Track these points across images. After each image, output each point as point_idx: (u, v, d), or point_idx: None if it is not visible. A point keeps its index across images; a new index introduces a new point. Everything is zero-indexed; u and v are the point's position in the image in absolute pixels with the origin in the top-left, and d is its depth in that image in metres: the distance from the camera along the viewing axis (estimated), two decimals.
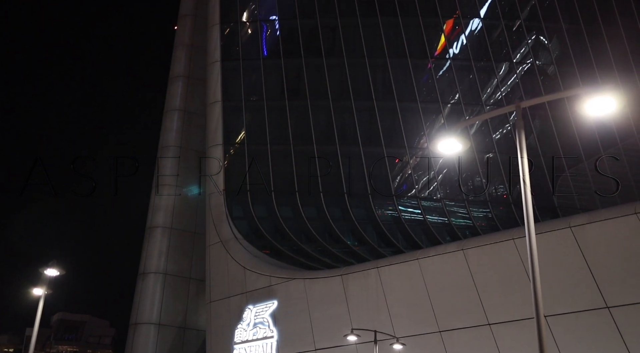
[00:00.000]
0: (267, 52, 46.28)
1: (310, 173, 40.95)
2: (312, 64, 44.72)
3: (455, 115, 43.21)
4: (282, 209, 40.06)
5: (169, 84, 47.74)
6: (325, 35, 45.78)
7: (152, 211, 43.79)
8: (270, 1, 48.55)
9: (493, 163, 42.16)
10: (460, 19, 46.23)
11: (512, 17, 46.54)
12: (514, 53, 45.50)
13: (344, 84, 44.15)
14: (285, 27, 47.18)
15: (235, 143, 43.01)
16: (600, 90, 14.23)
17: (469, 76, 44.81)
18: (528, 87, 44.20)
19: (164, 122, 46.49)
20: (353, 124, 42.70)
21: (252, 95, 44.41)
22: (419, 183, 42.15)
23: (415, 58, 44.75)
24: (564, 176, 41.71)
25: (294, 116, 43.23)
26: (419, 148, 42.73)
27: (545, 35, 46.22)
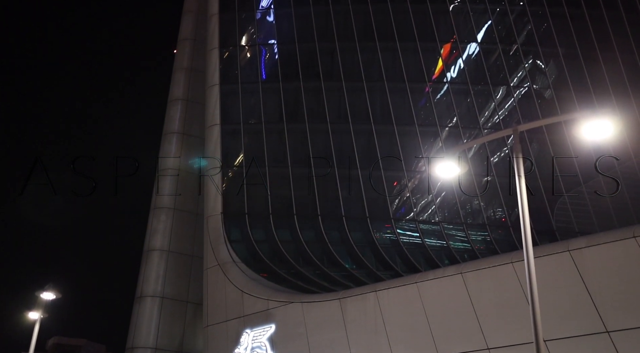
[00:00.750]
0: (265, 75, 46.59)
1: (308, 196, 40.97)
2: (310, 87, 45.01)
3: (453, 138, 43.37)
4: (280, 232, 39.96)
5: (168, 107, 47.93)
6: (324, 59, 46.13)
7: (149, 234, 43.65)
8: (269, 26, 49.01)
9: (491, 186, 42.21)
10: (458, 43, 46.64)
11: (509, 42, 46.97)
12: (511, 77, 45.83)
13: (342, 108, 44.37)
14: (284, 51, 47.56)
15: (234, 165, 43.06)
16: (597, 114, 14.33)
17: (466, 100, 45.07)
18: (525, 111, 44.44)
19: (163, 145, 46.58)
20: (351, 147, 42.81)
21: (251, 118, 44.59)
22: (417, 206, 42.14)
23: (413, 82, 45.06)
24: (562, 199, 41.74)
25: (292, 139, 43.37)
26: (417, 171, 42.80)
27: (542, 60, 46.60)
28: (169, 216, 43.69)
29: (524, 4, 47.79)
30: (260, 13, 49.24)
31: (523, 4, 47.82)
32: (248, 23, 48.88)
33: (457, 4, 47.82)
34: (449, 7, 47.50)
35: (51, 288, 21.83)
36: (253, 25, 48.86)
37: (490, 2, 47.74)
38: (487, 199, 42.32)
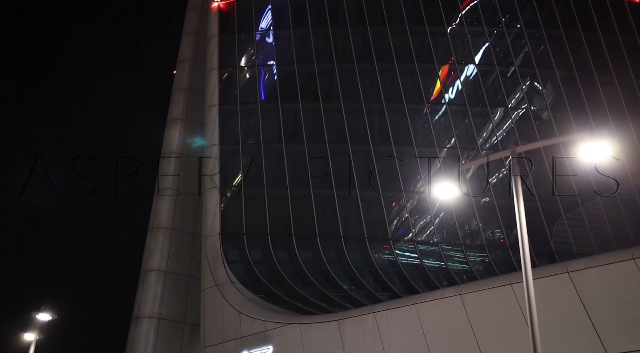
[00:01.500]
0: (264, 96, 46.82)
1: (307, 217, 40.95)
2: (309, 108, 45.19)
3: (451, 159, 43.45)
4: (279, 252, 39.86)
5: (167, 128, 48.06)
6: (323, 80, 46.38)
7: (147, 254, 43.51)
8: (268, 47, 49.36)
9: (490, 207, 42.22)
10: (456, 64, 46.95)
11: (507, 64, 47.28)
12: (509, 98, 46.06)
13: (340, 129, 44.51)
14: (283, 72, 47.84)
15: (232, 186, 43.07)
16: (595, 136, 14.40)
17: (464, 121, 45.24)
18: (523, 132, 44.59)
19: (162, 165, 46.61)
20: (350, 168, 42.86)
21: (250, 138, 44.71)
22: (416, 226, 42.10)
23: (412, 103, 45.27)
24: (561, 221, 41.73)
25: (291, 159, 43.45)
26: (416, 191, 42.82)
27: (540, 82, 46.87)
28: (166, 237, 43.59)
29: (521, 26, 48.20)
30: (259, 34, 49.63)
31: (520, 26, 48.22)
32: (247, 44, 49.24)
33: (455, 26, 48.22)
34: (446, 29, 47.91)
35: (47, 309, 21.68)
36: (252, 46, 49.20)
37: (488, 24, 48.15)
38: (485, 220, 42.30)
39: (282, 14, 49.70)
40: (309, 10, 49.05)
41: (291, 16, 49.09)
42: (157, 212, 44.55)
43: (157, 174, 46.26)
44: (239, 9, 50.01)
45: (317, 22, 48.85)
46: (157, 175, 45.78)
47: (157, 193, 45.16)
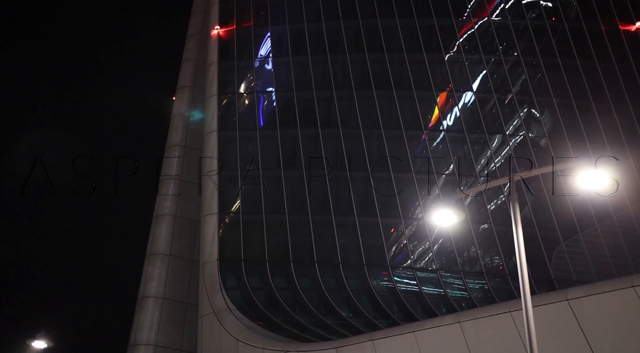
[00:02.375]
0: (263, 122, 47.04)
1: (305, 243, 40.86)
2: (307, 134, 45.38)
3: (449, 186, 43.51)
4: (277, 279, 39.68)
5: (166, 152, 48.19)
6: (321, 107, 46.66)
7: (144, 281, 43.26)
8: (267, 73, 49.74)
9: (488, 234, 42.15)
10: (454, 92, 47.28)
11: (504, 91, 47.60)
12: (507, 125, 46.28)
13: (339, 155, 44.64)
14: (281, 99, 48.14)
15: (231, 212, 43.03)
16: (591, 164, 14.45)
17: (462, 147, 45.41)
18: (521, 159, 44.71)
19: (160, 189, 46.63)
20: (348, 195, 42.89)
21: (248, 164, 44.77)
22: (415, 253, 41.98)
23: (410, 130, 45.46)
24: (560, 248, 41.65)
25: (290, 185, 43.49)
26: (414, 218, 42.79)
27: (537, 109, 47.14)
28: (164, 263, 43.40)
29: (518, 54, 48.64)
30: (258, 61, 50.04)
31: (517, 54, 48.67)
32: (247, 71, 49.61)
33: (453, 54, 48.67)
34: (444, 57, 48.33)
35: (43, 337, 21.49)
36: (252, 73, 49.58)
37: (485, 52, 48.60)
38: (484, 247, 42.21)
39: (281, 41, 50.18)
40: (308, 38, 49.54)
41: (290, 43, 49.56)
42: (155, 238, 44.44)
43: (157, 194, 46.23)
44: (239, 36, 50.51)
45: (316, 49, 49.31)
46: (157, 195, 45.78)
47: (155, 220, 45.16)
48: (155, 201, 46.99)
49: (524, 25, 49.67)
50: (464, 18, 49.83)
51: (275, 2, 51.60)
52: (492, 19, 49.76)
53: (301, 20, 50.22)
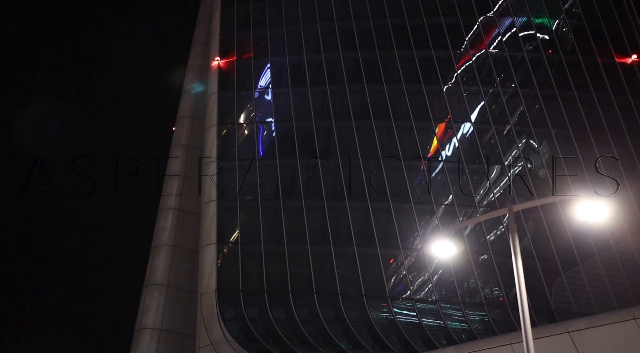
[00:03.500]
0: (262, 152, 47.17)
1: (304, 274, 40.64)
2: (306, 165, 45.45)
3: (448, 216, 43.45)
4: (275, 310, 39.36)
5: (165, 183, 48.23)
6: (320, 137, 46.84)
7: (141, 311, 42.89)
8: (267, 104, 50.06)
9: (488, 265, 41.95)
10: (452, 122, 47.52)
11: (502, 122, 47.84)
12: (505, 156, 46.42)
13: (338, 185, 44.66)
14: (281, 129, 48.36)
15: (229, 242, 42.88)
16: (591, 195, 14.47)
17: (461, 178, 45.47)
18: (520, 189, 44.75)
19: (158, 221, 46.55)
20: (347, 224, 42.81)
21: (247, 194, 44.77)
22: (414, 284, 41.73)
23: (409, 160, 45.57)
24: (560, 279, 41.42)
25: (288, 215, 43.42)
26: (414, 248, 42.64)
27: (535, 140, 47.32)
28: (162, 294, 43.09)
29: (515, 86, 49.03)
30: (258, 92, 50.40)
31: (515, 86, 49.05)
32: (246, 101, 49.94)
33: (451, 85, 49.06)
34: (442, 88, 48.70)
35: None
36: (251, 103, 49.89)
37: (483, 83, 49.00)
38: (484, 278, 41.98)
39: (281, 72, 50.62)
40: (308, 69, 49.99)
41: (290, 74, 49.99)
42: (153, 269, 44.20)
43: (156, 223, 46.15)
44: (239, 67, 50.97)
45: (316, 80, 49.73)
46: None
47: (153, 250, 45.01)
48: (154, 230, 46.89)
49: (521, 58, 50.18)
50: (461, 50, 50.36)
51: (275, 34, 52.22)
52: (489, 51, 50.29)
53: (301, 52, 50.75)
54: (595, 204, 14.38)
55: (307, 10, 52.70)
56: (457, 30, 50.81)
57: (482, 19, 51.49)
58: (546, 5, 52.09)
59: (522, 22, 51.72)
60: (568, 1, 52.50)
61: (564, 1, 52.38)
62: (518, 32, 51.20)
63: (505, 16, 51.86)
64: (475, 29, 51.18)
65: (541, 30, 51.60)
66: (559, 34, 51.65)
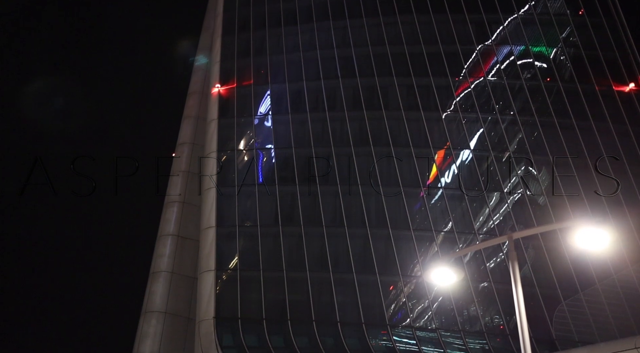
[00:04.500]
0: (262, 179, 47.17)
1: (303, 301, 40.34)
2: (306, 191, 45.44)
3: (448, 243, 43.29)
4: (274, 338, 38.98)
5: (164, 209, 48.17)
6: (320, 164, 46.90)
7: (139, 339, 42.48)
8: (266, 131, 50.22)
9: (488, 293, 41.67)
10: (451, 149, 47.63)
11: (501, 149, 47.96)
12: (505, 183, 46.43)
13: (337, 212, 44.59)
14: (280, 156, 48.44)
15: (228, 268, 42.65)
16: (590, 223, 14.43)
17: (461, 205, 45.42)
18: (520, 217, 44.67)
19: (157, 247, 46.40)
20: (347, 251, 42.63)
21: (246, 221, 44.68)
22: (414, 311, 41.40)
23: (408, 186, 45.56)
24: (561, 307, 41.11)
25: (288, 242, 43.26)
26: (413, 276, 42.40)
27: (534, 167, 47.38)
28: (160, 321, 42.72)
29: (514, 113, 49.25)
30: (258, 118, 50.61)
31: (513, 113, 49.28)
32: (246, 128, 50.12)
33: (450, 112, 49.29)
34: (441, 115, 48.94)
35: None
36: (251, 130, 50.06)
37: (482, 111, 49.24)
38: (484, 305, 41.66)
39: (281, 99, 50.91)
40: (307, 96, 50.29)
41: (290, 101, 50.27)
42: (151, 295, 43.89)
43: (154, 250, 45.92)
44: (239, 94, 51.28)
45: (315, 107, 49.98)
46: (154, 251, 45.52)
47: (151, 277, 44.75)
48: (152, 256, 46.68)
49: (519, 85, 50.51)
50: (460, 78, 50.72)
51: (275, 61, 52.67)
52: (488, 79, 50.64)
53: (300, 79, 51.12)
54: (595, 232, 14.33)
55: (307, 38, 53.24)
56: (455, 58, 51.25)
57: (481, 48, 51.97)
58: (544, 33, 52.61)
59: (520, 50, 52.17)
60: (565, 30, 53.02)
61: (561, 30, 52.90)
62: (516, 60, 51.62)
63: (504, 44, 52.34)
64: (473, 57, 51.62)
65: (539, 58, 52.03)
66: (557, 62, 52.07)
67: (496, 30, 52.76)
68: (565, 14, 53.19)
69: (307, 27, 53.98)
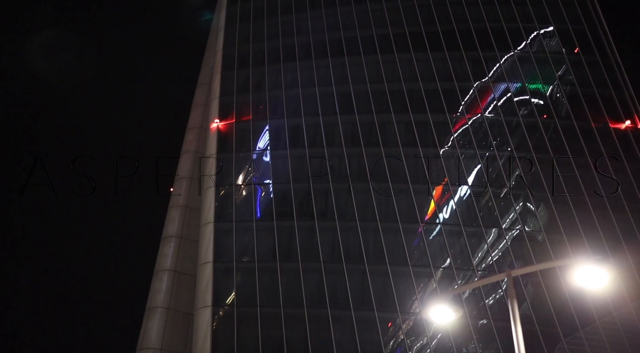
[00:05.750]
0: (260, 214, 47.11)
1: (300, 338, 39.88)
2: (304, 226, 45.34)
3: (447, 279, 43.02)
4: None
5: (161, 245, 48.00)
6: (318, 199, 46.88)
7: None
8: (265, 166, 50.35)
9: (487, 330, 41.24)
10: (449, 185, 47.69)
11: (499, 185, 48.01)
12: (503, 219, 46.37)
13: (335, 247, 44.41)
14: (278, 191, 48.45)
15: (225, 304, 42.27)
16: (590, 261, 14.40)
17: (459, 241, 45.28)
18: (518, 253, 44.49)
19: (154, 282, 46.07)
20: (344, 288, 42.33)
21: (244, 256, 44.47)
22: (412, 349, 40.90)
23: (406, 222, 45.48)
24: (561, 346, 40.66)
25: (285, 278, 42.97)
26: (412, 312, 42.01)
27: (532, 203, 47.38)
28: None
29: (511, 149, 49.46)
30: (256, 153, 50.79)
31: (511, 149, 49.49)
32: (245, 163, 50.25)
33: (447, 148, 49.51)
34: (439, 151, 49.13)
35: None
36: (250, 165, 50.18)
37: (479, 147, 49.45)
38: (483, 343, 41.19)
39: (279, 134, 51.18)
40: (306, 132, 50.55)
41: (288, 137, 50.52)
42: (146, 331, 43.39)
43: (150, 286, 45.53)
44: (238, 129, 51.56)
45: (314, 142, 50.21)
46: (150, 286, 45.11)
47: (147, 312, 44.31)
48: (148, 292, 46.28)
49: (516, 122, 50.84)
50: (457, 114, 51.09)
51: (274, 97, 53.12)
52: (485, 116, 51.01)
53: (299, 115, 51.46)
54: (594, 270, 14.29)
55: (306, 75, 53.80)
56: (453, 95, 51.73)
57: (478, 84, 52.47)
58: (540, 71, 53.19)
59: (517, 87, 52.69)
60: (561, 67, 53.62)
61: (557, 67, 53.49)
62: (513, 97, 52.07)
63: (500, 81, 52.88)
64: (471, 94, 52.09)
65: (536, 95, 52.50)
66: (553, 99, 52.52)
67: (493, 67, 53.36)
68: (560, 52, 53.87)
69: (306, 64, 54.59)
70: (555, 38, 54.69)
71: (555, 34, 54.61)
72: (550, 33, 54.81)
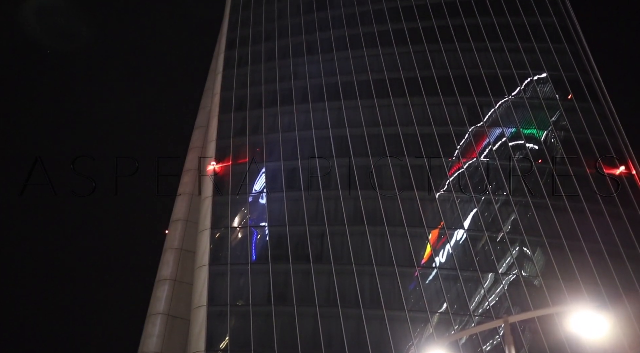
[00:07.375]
0: (255, 257, 46.82)
1: None
2: (299, 269, 45.02)
3: (443, 325, 42.52)
4: None
5: (155, 287, 47.54)
6: (313, 242, 46.69)
7: None
8: (261, 208, 50.28)
9: None
10: (445, 229, 47.60)
11: (495, 230, 47.93)
12: (499, 264, 46.15)
13: (331, 291, 44.02)
14: (274, 234, 48.27)
15: (218, 349, 41.60)
16: (588, 307, 14.27)
17: (455, 285, 44.94)
18: (515, 298, 44.11)
19: (146, 326, 45.43)
20: (340, 332, 41.77)
21: (238, 299, 43.99)
22: None
23: (402, 266, 45.22)
24: None
25: (280, 322, 42.44)
26: None
27: (529, 248, 47.24)
28: None
29: (507, 194, 49.56)
30: (252, 196, 50.78)
31: (507, 194, 49.58)
32: (240, 205, 50.17)
33: (443, 192, 49.60)
34: (435, 196, 49.20)
35: None
36: (245, 207, 50.10)
37: (475, 191, 49.56)
38: None
39: (275, 177, 51.28)
40: (301, 174, 50.68)
41: (284, 180, 50.61)
42: None
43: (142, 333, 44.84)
44: (234, 172, 51.66)
45: (309, 185, 50.26)
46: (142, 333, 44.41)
47: None
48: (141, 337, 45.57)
49: (512, 166, 51.08)
50: (453, 158, 51.36)
51: (271, 140, 53.42)
52: (480, 160, 51.28)
53: (295, 158, 51.67)
54: (592, 317, 14.16)
55: (303, 118, 54.26)
56: (448, 139, 52.08)
57: (473, 129, 52.90)
58: (534, 116, 53.73)
59: (512, 132, 53.12)
60: (555, 113, 54.20)
61: (551, 113, 54.07)
62: (508, 142, 52.43)
63: (495, 126, 53.34)
64: (466, 138, 52.46)
65: (530, 140, 52.90)
66: (548, 144, 52.91)
67: (487, 112, 53.90)
68: (554, 98, 54.51)
69: (302, 107, 55.12)
70: (548, 84, 55.45)
71: (549, 81, 55.39)
72: (543, 79, 55.59)
